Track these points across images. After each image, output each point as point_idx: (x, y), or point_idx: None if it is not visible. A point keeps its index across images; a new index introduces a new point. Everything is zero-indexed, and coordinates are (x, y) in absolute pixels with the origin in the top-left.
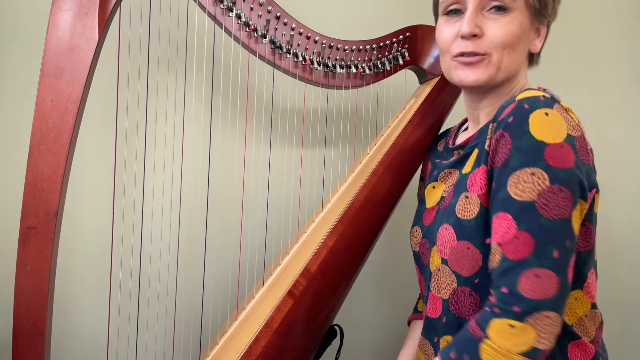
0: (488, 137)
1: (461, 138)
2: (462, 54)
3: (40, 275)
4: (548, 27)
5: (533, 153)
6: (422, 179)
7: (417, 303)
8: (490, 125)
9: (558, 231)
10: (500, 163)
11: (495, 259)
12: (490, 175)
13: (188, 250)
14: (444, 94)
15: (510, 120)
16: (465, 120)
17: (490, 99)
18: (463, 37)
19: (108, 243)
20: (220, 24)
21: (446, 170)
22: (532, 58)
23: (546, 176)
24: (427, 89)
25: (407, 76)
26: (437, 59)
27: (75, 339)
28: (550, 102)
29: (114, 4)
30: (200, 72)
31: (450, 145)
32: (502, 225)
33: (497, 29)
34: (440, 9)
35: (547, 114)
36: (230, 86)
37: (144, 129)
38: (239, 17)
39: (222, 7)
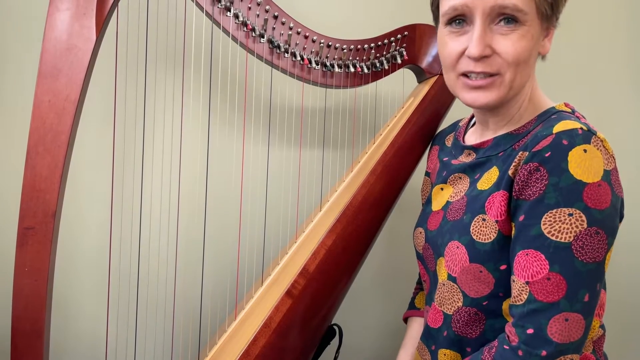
0: (514, 163)
1: (471, 137)
2: (469, 75)
3: (38, 276)
4: (557, 22)
5: (572, 193)
6: (427, 174)
7: (412, 298)
8: (520, 152)
9: (591, 275)
10: (533, 198)
11: (520, 297)
12: (512, 203)
13: (186, 250)
14: (442, 93)
15: (547, 155)
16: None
17: (500, 112)
18: (471, 58)
19: (106, 244)
20: (218, 24)
21: (456, 174)
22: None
23: (584, 218)
24: (425, 88)
25: (405, 75)
26: (436, 58)
27: (74, 339)
28: (588, 136)
29: (112, 4)
30: (198, 71)
31: (461, 142)
32: (533, 265)
33: (509, 46)
34: (443, 19)
35: (585, 150)
36: (228, 86)
37: (142, 129)
38: (236, 16)
39: (219, 6)
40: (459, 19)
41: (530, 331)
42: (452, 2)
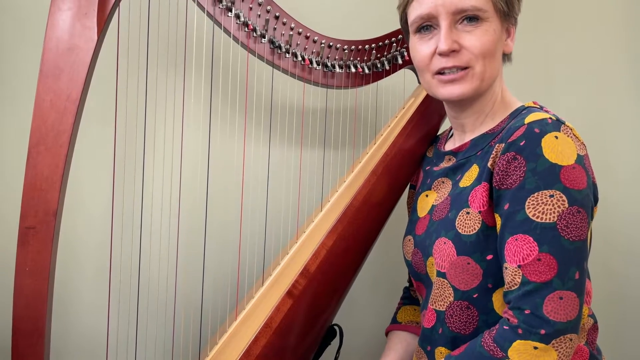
0: (492, 155)
1: (450, 144)
2: (442, 71)
3: (39, 275)
4: (516, 23)
5: (549, 176)
6: (412, 187)
7: (395, 313)
8: (497, 145)
9: (578, 252)
10: (514, 185)
11: (514, 282)
12: (494, 194)
13: (187, 249)
14: None
15: (522, 143)
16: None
17: (475, 107)
18: (441, 54)
19: (107, 243)
20: (219, 24)
21: (439, 179)
22: (505, 57)
23: (565, 198)
24: None
25: (406, 76)
26: None
27: (75, 338)
28: (557, 124)
29: (113, 4)
30: (199, 71)
31: (441, 150)
32: (523, 248)
33: (474, 40)
34: (412, 28)
35: (556, 137)
36: (229, 86)
37: (143, 129)
38: (238, 16)
39: (221, 6)
40: (426, 26)
41: (527, 312)
42: (418, 12)
